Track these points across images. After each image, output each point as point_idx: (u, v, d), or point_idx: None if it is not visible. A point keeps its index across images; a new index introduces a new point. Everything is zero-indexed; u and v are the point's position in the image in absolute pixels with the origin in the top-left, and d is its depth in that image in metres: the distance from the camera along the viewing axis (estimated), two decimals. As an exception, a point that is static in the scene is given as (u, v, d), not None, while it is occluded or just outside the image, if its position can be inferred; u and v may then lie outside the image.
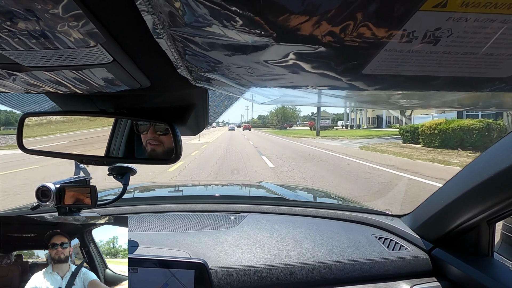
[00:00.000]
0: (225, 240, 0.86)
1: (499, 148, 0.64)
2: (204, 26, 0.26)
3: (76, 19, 0.27)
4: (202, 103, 0.68)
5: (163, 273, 0.72)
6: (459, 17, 0.22)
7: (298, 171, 6.83)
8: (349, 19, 0.23)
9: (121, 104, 0.67)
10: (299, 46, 0.27)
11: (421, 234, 0.91)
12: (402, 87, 0.38)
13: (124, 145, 0.78)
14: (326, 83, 0.37)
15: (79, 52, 0.34)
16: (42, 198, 0.68)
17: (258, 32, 0.26)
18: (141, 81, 0.47)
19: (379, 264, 0.82)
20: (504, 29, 0.24)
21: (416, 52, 0.27)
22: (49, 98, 0.66)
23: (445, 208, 0.78)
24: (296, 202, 1.32)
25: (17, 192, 5.07)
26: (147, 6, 0.25)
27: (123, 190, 0.80)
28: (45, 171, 7.52)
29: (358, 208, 1.22)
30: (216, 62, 0.35)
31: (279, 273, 0.77)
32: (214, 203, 1.17)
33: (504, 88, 0.36)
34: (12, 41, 0.31)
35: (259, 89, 0.46)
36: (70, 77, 0.43)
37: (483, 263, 0.75)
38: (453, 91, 0.39)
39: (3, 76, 0.43)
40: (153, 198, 1.43)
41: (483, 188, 0.66)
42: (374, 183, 5.43)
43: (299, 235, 0.90)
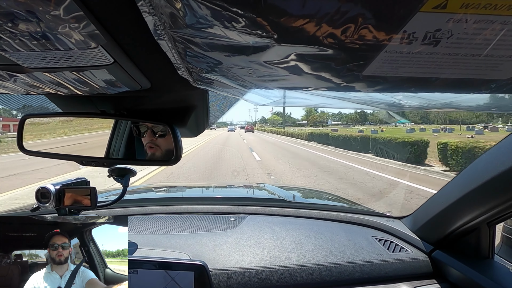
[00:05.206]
0: (225, 242, 0.86)
1: (499, 150, 0.64)
2: (205, 27, 0.26)
3: (77, 21, 0.27)
4: (203, 104, 0.68)
5: (162, 275, 0.71)
6: (459, 18, 0.22)
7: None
8: (350, 21, 0.23)
9: (122, 106, 0.67)
10: (300, 47, 0.28)
11: (421, 236, 0.90)
12: (403, 88, 0.38)
13: (124, 146, 0.78)
14: (327, 85, 0.37)
15: (80, 53, 0.34)
16: (41, 200, 0.68)
17: (259, 33, 0.26)
18: (141, 82, 0.47)
19: (379, 266, 0.82)
20: (504, 30, 0.24)
21: (416, 53, 0.27)
22: (50, 99, 0.66)
23: (445, 210, 0.78)
24: (296, 203, 1.32)
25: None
26: (148, 7, 0.25)
27: (123, 191, 0.80)
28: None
29: (358, 210, 1.22)
30: (216, 63, 0.35)
31: (279, 275, 0.77)
32: (214, 205, 1.17)
33: (504, 90, 0.36)
34: (13, 43, 0.31)
35: (259, 90, 0.46)
36: (70, 79, 0.43)
37: (483, 265, 0.75)
38: (453, 92, 0.39)
39: (4, 77, 0.43)
40: (153, 200, 1.43)
41: (483, 190, 0.66)
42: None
43: (299, 237, 0.90)
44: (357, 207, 1.39)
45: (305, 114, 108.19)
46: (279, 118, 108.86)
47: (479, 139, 9.19)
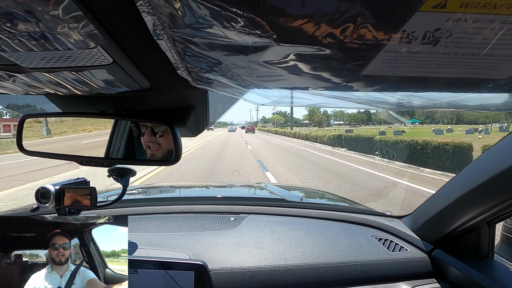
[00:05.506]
0: (225, 242, 0.86)
1: (499, 149, 0.64)
2: (205, 27, 0.26)
3: (76, 21, 0.27)
4: (202, 104, 0.68)
5: (162, 275, 0.71)
6: (459, 17, 0.22)
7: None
8: (349, 20, 0.23)
9: (121, 105, 0.67)
10: (299, 47, 0.28)
11: (421, 235, 0.90)
12: (402, 87, 0.38)
13: (124, 146, 0.78)
14: (326, 84, 0.37)
15: (79, 53, 0.34)
16: (41, 200, 0.68)
17: (258, 33, 0.26)
18: (141, 82, 0.47)
19: (379, 265, 0.82)
20: (503, 30, 0.24)
21: (415, 53, 0.27)
22: (49, 99, 0.65)
23: (445, 209, 0.78)
24: (296, 203, 1.32)
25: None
26: (147, 7, 0.25)
27: (123, 191, 0.80)
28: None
29: (358, 209, 1.22)
30: (216, 63, 0.35)
31: (279, 274, 0.77)
32: (214, 204, 1.17)
33: (504, 89, 0.36)
34: (12, 43, 0.31)
35: (259, 90, 0.46)
36: (70, 79, 0.43)
37: (483, 264, 0.75)
38: (453, 92, 0.39)
39: (3, 77, 0.43)
40: (153, 199, 1.43)
41: (483, 189, 0.66)
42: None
43: (299, 236, 0.90)
44: (357, 207, 1.39)
45: (308, 114, 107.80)
46: (282, 118, 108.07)
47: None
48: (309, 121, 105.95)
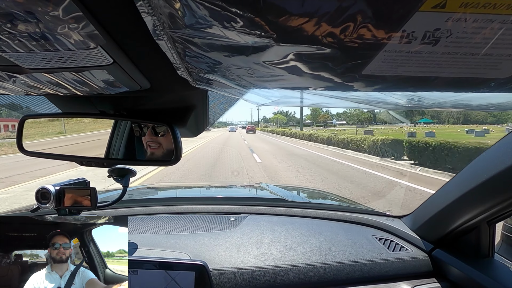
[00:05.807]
0: (225, 242, 0.86)
1: (499, 149, 0.64)
2: (204, 27, 0.26)
3: (76, 21, 0.27)
4: (202, 104, 0.68)
5: (163, 275, 0.71)
6: (458, 17, 0.22)
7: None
8: (349, 20, 0.23)
9: (121, 106, 0.67)
10: (299, 47, 0.28)
11: (421, 235, 0.90)
12: (402, 87, 0.38)
13: (124, 146, 0.78)
14: (326, 84, 0.37)
15: (79, 54, 0.34)
16: (41, 200, 0.68)
17: (258, 33, 0.26)
18: (141, 82, 0.47)
19: (380, 265, 0.82)
20: (503, 29, 0.24)
21: (415, 52, 0.27)
22: (49, 100, 0.66)
23: (445, 208, 0.78)
24: (296, 203, 1.32)
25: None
26: (147, 8, 0.25)
27: (123, 192, 0.80)
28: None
29: (358, 209, 1.22)
30: (216, 63, 0.35)
31: (279, 274, 0.77)
32: (214, 205, 1.17)
33: (503, 89, 0.36)
34: (12, 43, 0.31)
35: (259, 90, 0.46)
36: (70, 79, 0.43)
37: (483, 264, 0.75)
38: (453, 91, 0.39)
39: (3, 78, 0.43)
40: (153, 200, 1.43)
41: (483, 188, 0.66)
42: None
43: (299, 236, 0.90)
44: (357, 206, 1.39)
45: (310, 113, 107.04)
46: (284, 118, 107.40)
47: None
48: (311, 121, 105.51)
